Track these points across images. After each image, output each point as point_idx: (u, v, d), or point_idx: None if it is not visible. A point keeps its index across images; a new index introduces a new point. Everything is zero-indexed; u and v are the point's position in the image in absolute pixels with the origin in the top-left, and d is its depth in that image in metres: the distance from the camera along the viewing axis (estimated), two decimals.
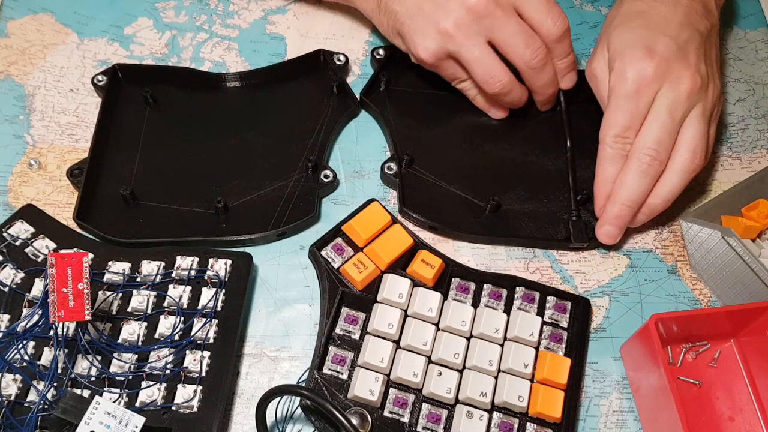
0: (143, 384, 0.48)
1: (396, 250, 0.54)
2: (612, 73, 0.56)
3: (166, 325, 0.50)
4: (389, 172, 0.59)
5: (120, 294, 0.51)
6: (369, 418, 0.48)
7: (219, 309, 0.51)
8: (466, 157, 0.61)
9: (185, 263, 0.52)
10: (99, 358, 0.48)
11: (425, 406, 0.50)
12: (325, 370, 0.50)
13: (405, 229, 0.55)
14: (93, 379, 0.48)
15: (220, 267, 0.53)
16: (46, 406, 0.46)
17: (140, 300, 0.51)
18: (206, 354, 0.49)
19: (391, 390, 0.50)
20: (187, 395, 0.47)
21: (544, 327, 0.53)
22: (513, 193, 0.60)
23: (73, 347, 0.47)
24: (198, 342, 0.50)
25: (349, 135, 0.63)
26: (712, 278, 0.57)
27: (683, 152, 0.54)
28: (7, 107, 0.62)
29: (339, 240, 0.56)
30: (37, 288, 0.51)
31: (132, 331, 0.50)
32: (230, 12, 0.68)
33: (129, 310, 0.51)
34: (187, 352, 0.49)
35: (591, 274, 0.58)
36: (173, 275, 0.52)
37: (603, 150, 0.56)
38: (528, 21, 0.56)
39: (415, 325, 0.52)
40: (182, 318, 0.51)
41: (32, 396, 0.47)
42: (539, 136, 0.63)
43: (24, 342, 0.48)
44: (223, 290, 0.52)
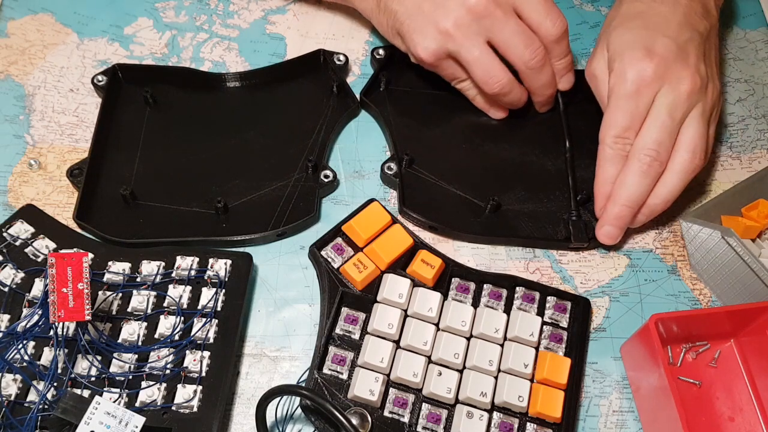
0: (143, 384, 0.48)
1: (396, 250, 0.54)
2: (612, 74, 0.56)
3: (166, 325, 0.50)
4: (389, 172, 0.59)
5: (120, 294, 0.51)
6: (369, 418, 0.48)
7: (219, 309, 0.51)
8: (466, 157, 0.61)
9: (185, 263, 0.52)
10: (99, 358, 0.48)
11: (425, 406, 0.50)
12: (325, 370, 0.50)
13: (405, 229, 0.55)
14: (93, 379, 0.48)
15: (220, 267, 0.53)
16: (46, 406, 0.46)
17: (140, 300, 0.51)
18: (206, 354, 0.49)
19: (391, 390, 0.50)
20: (187, 395, 0.47)
21: (544, 327, 0.53)
22: (513, 193, 0.60)
23: (73, 347, 0.47)
24: (198, 342, 0.50)
25: (349, 135, 0.63)
26: (712, 278, 0.57)
27: (683, 152, 0.54)
28: (7, 107, 0.62)
29: (339, 240, 0.56)
30: (37, 288, 0.51)
31: (132, 331, 0.50)
32: (230, 12, 0.68)
33: (129, 310, 0.51)
34: (187, 352, 0.49)
35: (591, 274, 0.58)
36: (173, 275, 0.52)
37: (603, 150, 0.56)
38: (527, 21, 0.56)
39: (415, 325, 0.52)
40: (182, 318, 0.51)
41: (32, 396, 0.47)
42: (539, 136, 0.63)
43: (24, 342, 0.48)
44: (223, 290, 0.52)
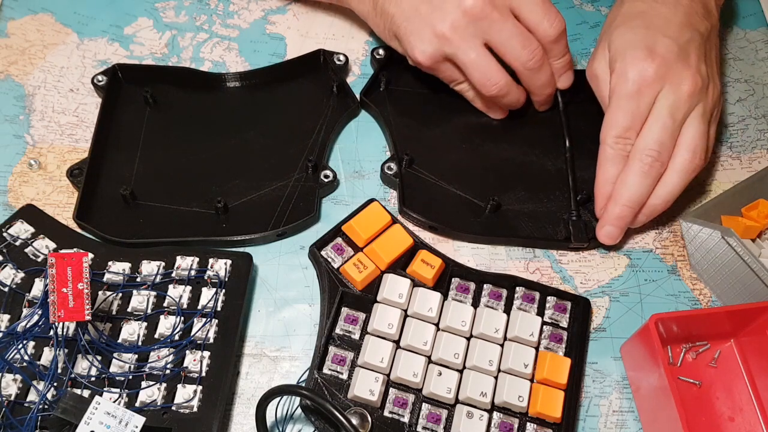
0: (143, 384, 0.48)
1: (396, 250, 0.54)
2: (613, 74, 0.56)
3: (166, 325, 0.50)
4: (389, 172, 0.59)
5: (120, 294, 0.51)
6: (369, 418, 0.48)
7: (219, 309, 0.51)
8: (466, 157, 0.61)
9: (185, 263, 0.52)
10: (99, 358, 0.48)
11: (425, 406, 0.50)
12: (325, 370, 0.50)
13: (405, 229, 0.55)
14: (93, 379, 0.48)
15: (220, 267, 0.53)
16: (46, 406, 0.46)
17: (140, 300, 0.51)
18: (206, 354, 0.49)
19: (391, 390, 0.50)
20: (187, 395, 0.47)
21: (544, 327, 0.53)
22: (513, 193, 0.60)
23: (73, 347, 0.47)
24: (198, 342, 0.50)
25: (349, 135, 0.63)
26: (712, 278, 0.57)
27: (683, 152, 0.54)
28: (7, 107, 0.62)
29: (339, 240, 0.56)
30: (37, 288, 0.51)
31: (132, 331, 0.50)
32: (230, 12, 0.68)
33: (129, 310, 0.51)
34: (187, 352, 0.49)
35: (591, 274, 0.58)
36: (173, 275, 0.52)
37: (604, 150, 0.56)
38: (524, 22, 0.56)
39: (415, 325, 0.52)
40: (182, 318, 0.51)
41: (32, 396, 0.47)
42: (539, 136, 0.63)
43: (24, 342, 0.48)
44: (223, 290, 0.52)
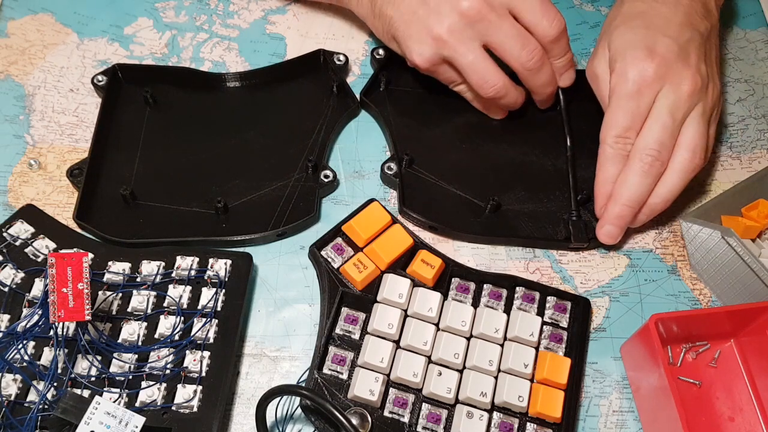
0: (143, 384, 0.48)
1: (396, 250, 0.54)
2: (613, 74, 0.56)
3: (166, 325, 0.50)
4: (389, 172, 0.59)
5: (120, 294, 0.51)
6: (369, 418, 0.48)
7: (219, 309, 0.51)
8: (466, 157, 0.61)
9: (185, 263, 0.52)
10: (99, 358, 0.48)
11: (425, 406, 0.50)
12: (325, 370, 0.50)
13: (405, 229, 0.55)
14: (93, 379, 0.48)
15: (220, 267, 0.53)
16: (46, 406, 0.46)
17: (140, 300, 0.51)
18: (206, 354, 0.49)
19: (391, 390, 0.50)
20: (187, 395, 0.47)
21: (544, 327, 0.53)
22: (513, 193, 0.60)
23: (73, 347, 0.47)
24: (198, 342, 0.50)
25: (349, 135, 0.63)
26: (712, 278, 0.57)
27: (683, 152, 0.54)
28: (7, 107, 0.62)
29: (339, 240, 0.56)
30: (37, 288, 0.51)
31: (132, 331, 0.50)
32: (230, 12, 0.68)
33: (129, 310, 0.51)
34: (187, 352, 0.49)
35: (591, 274, 0.58)
36: (173, 275, 0.52)
37: (604, 150, 0.56)
38: (523, 23, 0.56)
39: (415, 325, 0.52)
40: (182, 318, 0.51)
41: (32, 396, 0.47)
42: (539, 136, 0.63)
43: (24, 342, 0.48)
44: (223, 290, 0.52)
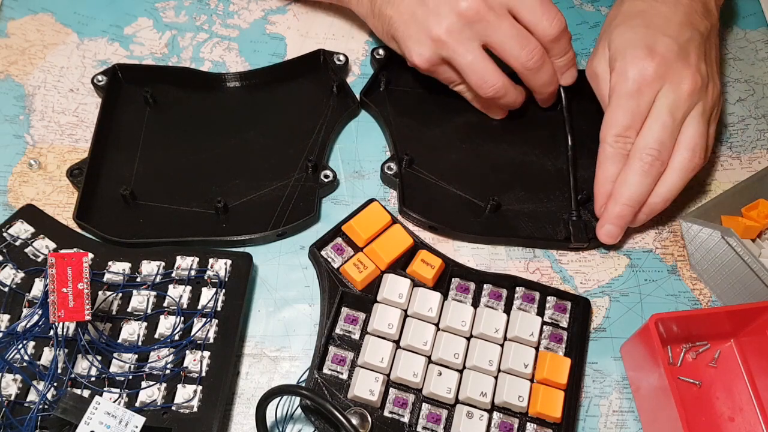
0: (143, 384, 0.48)
1: (396, 250, 0.54)
2: (613, 73, 0.56)
3: (166, 325, 0.50)
4: (389, 172, 0.59)
5: (120, 294, 0.51)
6: (369, 418, 0.48)
7: (219, 309, 0.51)
8: (466, 157, 0.61)
9: (185, 263, 0.52)
10: (99, 358, 0.48)
11: (425, 406, 0.50)
12: (325, 370, 0.50)
13: (405, 229, 0.55)
14: (93, 379, 0.48)
15: (220, 267, 0.53)
16: (46, 406, 0.46)
17: (140, 300, 0.51)
18: (206, 354, 0.49)
19: (391, 390, 0.50)
20: (187, 395, 0.47)
21: (544, 327, 0.53)
22: (513, 193, 0.60)
23: (73, 347, 0.47)
24: (198, 342, 0.50)
25: (349, 135, 0.63)
26: (712, 278, 0.57)
27: (683, 151, 0.54)
28: (7, 107, 0.62)
29: (339, 240, 0.56)
30: (37, 288, 0.51)
31: (132, 331, 0.50)
32: (230, 12, 0.68)
33: (129, 310, 0.51)
34: (187, 352, 0.49)
35: (591, 274, 0.58)
36: (173, 275, 0.52)
37: (604, 149, 0.56)
38: (523, 22, 0.56)
39: (415, 325, 0.52)
40: (182, 318, 0.51)
41: (32, 396, 0.47)
42: (539, 136, 0.63)
43: (24, 342, 0.48)
44: (223, 290, 0.52)
